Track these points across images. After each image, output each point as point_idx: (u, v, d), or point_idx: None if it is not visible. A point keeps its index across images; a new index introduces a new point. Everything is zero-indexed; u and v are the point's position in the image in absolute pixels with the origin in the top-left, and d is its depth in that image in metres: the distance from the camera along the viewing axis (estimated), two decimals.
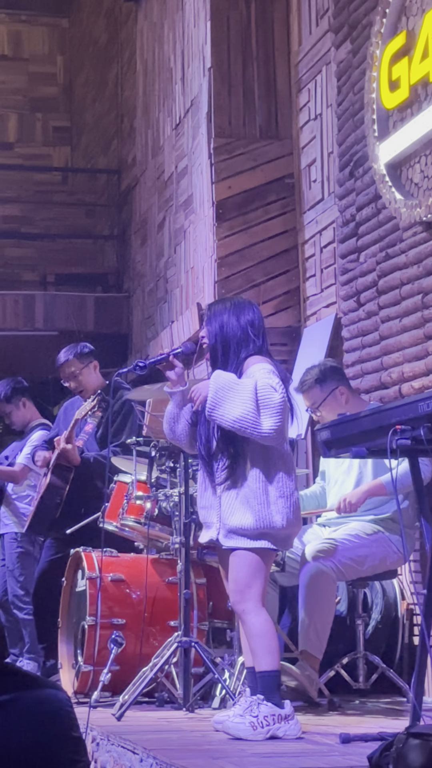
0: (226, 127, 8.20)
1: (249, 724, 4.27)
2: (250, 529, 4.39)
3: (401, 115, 6.20)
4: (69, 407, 6.84)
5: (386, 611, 5.93)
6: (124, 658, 5.42)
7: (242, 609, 4.42)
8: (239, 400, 4.35)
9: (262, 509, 4.39)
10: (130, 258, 11.39)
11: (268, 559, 4.48)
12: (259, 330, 4.58)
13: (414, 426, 3.90)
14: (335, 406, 5.51)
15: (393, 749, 2.78)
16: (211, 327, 4.59)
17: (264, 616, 4.40)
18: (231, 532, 4.43)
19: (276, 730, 4.29)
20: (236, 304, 4.62)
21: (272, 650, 4.38)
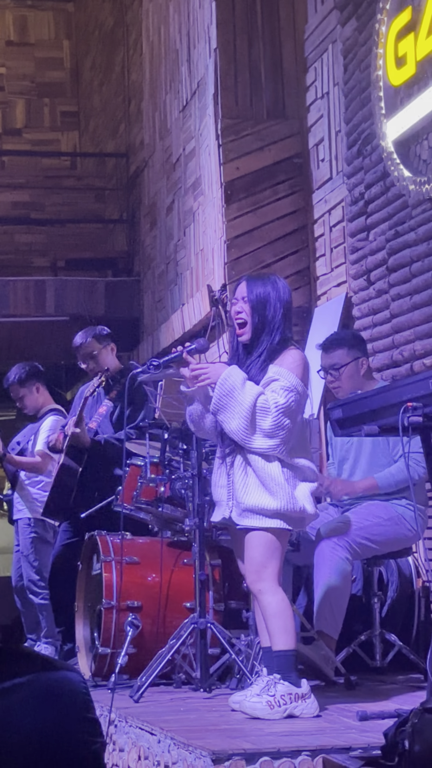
0: (233, 107, 8.18)
1: (266, 704, 4.28)
2: (267, 509, 4.39)
3: (408, 92, 6.18)
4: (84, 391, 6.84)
5: (402, 589, 5.93)
6: (140, 641, 5.43)
7: (258, 589, 4.42)
8: (236, 413, 4.38)
9: (280, 490, 4.39)
10: (139, 241, 11.38)
11: (283, 539, 4.49)
12: (289, 310, 4.59)
13: (426, 403, 3.90)
14: (354, 374, 5.50)
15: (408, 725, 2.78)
16: (253, 299, 4.53)
17: (280, 596, 4.41)
18: (247, 510, 4.43)
19: (293, 708, 4.30)
20: (277, 281, 4.59)
21: (288, 629, 4.39)
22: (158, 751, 3.91)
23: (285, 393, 4.39)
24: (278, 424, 4.37)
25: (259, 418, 4.37)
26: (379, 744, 3.02)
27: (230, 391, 4.39)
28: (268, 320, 4.52)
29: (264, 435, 4.38)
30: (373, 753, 3.18)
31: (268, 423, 4.36)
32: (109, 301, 11.34)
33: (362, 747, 3.48)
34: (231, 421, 4.39)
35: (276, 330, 4.51)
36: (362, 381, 5.52)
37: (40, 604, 7.33)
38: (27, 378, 7.64)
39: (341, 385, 5.50)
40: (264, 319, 4.52)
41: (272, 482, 4.40)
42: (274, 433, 4.37)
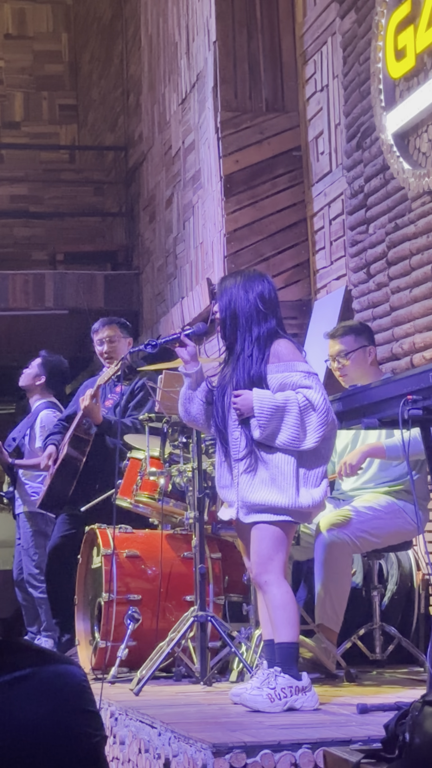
0: (233, 100, 8.17)
1: (266, 696, 4.29)
2: (275, 506, 4.39)
3: (408, 85, 6.17)
4: (90, 384, 6.84)
5: (402, 582, 5.94)
6: (140, 634, 5.44)
7: (264, 580, 4.43)
8: (286, 426, 4.38)
9: (289, 486, 4.39)
10: (139, 235, 11.38)
11: (289, 532, 4.49)
12: (270, 303, 4.55)
13: (425, 396, 3.90)
14: (361, 361, 5.49)
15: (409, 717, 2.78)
16: (221, 302, 4.58)
17: (285, 588, 4.42)
18: (254, 507, 4.43)
19: (293, 701, 4.30)
20: (246, 278, 4.59)
21: (292, 622, 4.39)
22: (159, 744, 3.92)
23: (311, 380, 4.41)
24: (325, 413, 4.39)
25: (310, 415, 4.38)
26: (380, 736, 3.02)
27: (271, 407, 4.38)
28: (239, 316, 4.52)
29: (313, 430, 4.39)
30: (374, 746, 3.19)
31: (319, 419, 4.38)
32: (109, 294, 11.34)
33: (362, 740, 3.48)
34: (282, 434, 4.39)
35: (251, 323, 4.50)
36: (369, 369, 5.51)
37: (39, 597, 7.34)
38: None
39: (348, 373, 5.49)
40: (234, 316, 4.53)
41: (282, 477, 4.39)
42: (323, 424, 4.38)
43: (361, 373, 5.49)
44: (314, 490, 4.43)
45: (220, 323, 4.58)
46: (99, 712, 2.47)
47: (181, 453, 5.51)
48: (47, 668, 2.40)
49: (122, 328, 6.64)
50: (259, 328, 4.49)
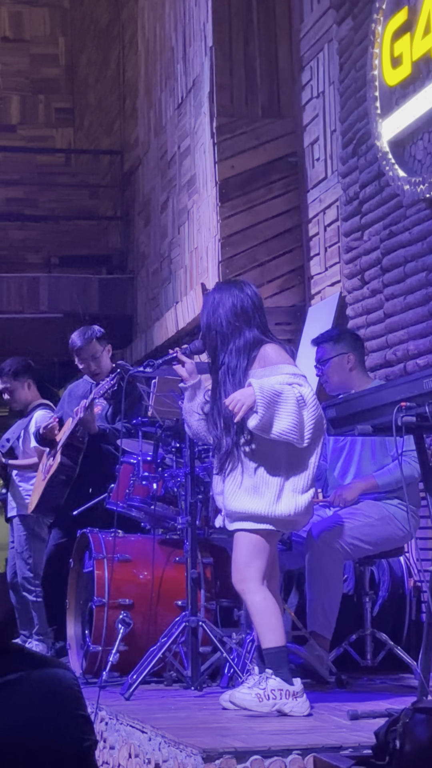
0: (229, 106, 8.17)
1: (255, 696, 4.30)
2: (254, 514, 4.40)
3: (404, 92, 6.18)
4: (74, 389, 6.85)
5: (393, 588, 5.94)
6: (132, 638, 5.43)
7: (241, 588, 4.46)
8: (284, 413, 4.35)
9: (270, 497, 4.39)
10: (134, 239, 11.38)
11: (270, 540, 4.48)
12: (243, 314, 4.53)
13: (419, 403, 3.91)
14: (339, 368, 5.52)
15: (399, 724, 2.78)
16: (201, 321, 4.64)
17: (262, 594, 4.41)
18: (235, 515, 4.45)
19: (282, 705, 4.30)
20: (220, 292, 4.60)
21: (273, 627, 4.40)
22: (149, 749, 3.92)
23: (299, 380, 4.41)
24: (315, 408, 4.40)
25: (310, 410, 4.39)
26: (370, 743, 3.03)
27: (272, 396, 4.38)
28: (214, 337, 4.55)
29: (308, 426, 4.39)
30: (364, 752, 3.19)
31: (316, 413, 4.38)
32: (103, 298, 11.34)
33: (353, 746, 3.48)
34: (280, 422, 4.36)
35: (228, 340, 4.51)
36: (349, 376, 5.51)
37: (33, 601, 7.33)
38: (21, 372, 7.66)
39: (327, 380, 5.55)
40: (208, 335, 4.57)
41: (264, 486, 4.41)
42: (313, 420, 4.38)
43: (342, 379, 5.52)
44: (299, 497, 4.43)
45: (201, 339, 4.65)
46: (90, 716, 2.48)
47: (174, 458, 5.51)
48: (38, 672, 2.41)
49: (100, 341, 6.62)
50: (235, 342, 4.51)
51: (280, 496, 4.41)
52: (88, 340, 6.61)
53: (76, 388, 6.84)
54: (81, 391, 6.75)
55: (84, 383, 6.79)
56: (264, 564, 4.44)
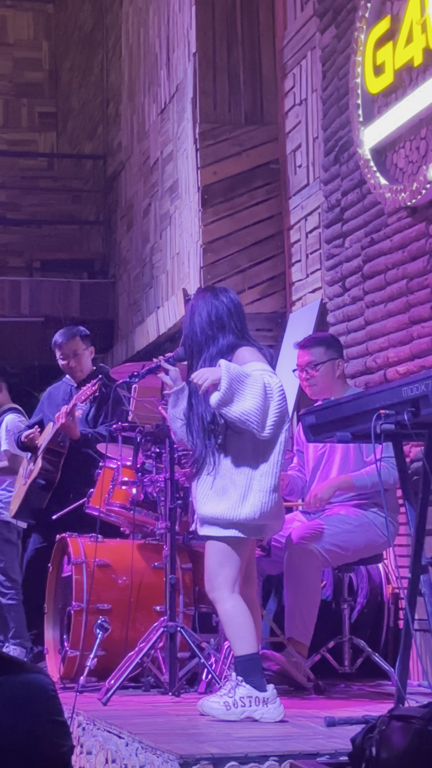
0: (212, 112, 8.19)
1: (223, 704, 4.31)
2: (220, 518, 4.41)
3: (386, 100, 6.20)
4: (53, 392, 6.86)
5: (371, 595, 5.96)
6: (110, 643, 5.43)
7: (213, 597, 4.48)
8: (249, 395, 4.35)
9: (237, 500, 4.40)
10: (115, 244, 11.38)
11: (239, 547, 4.47)
12: (217, 321, 4.54)
13: (398, 411, 3.92)
14: (329, 374, 5.54)
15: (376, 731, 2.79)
16: (183, 328, 4.65)
17: (232, 603, 4.42)
18: (203, 520, 4.48)
19: (252, 712, 4.30)
20: (195, 303, 4.63)
21: (243, 635, 4.40)
22: (126, 755, 3.91)
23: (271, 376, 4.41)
24: (280, 401, 4.38)
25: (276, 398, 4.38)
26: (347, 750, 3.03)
27: (238, 375, 4.38)
28: (192, 346, 4.57)
29: (274, 414, 4.37)
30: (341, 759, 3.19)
31: (282, 404, 4.37)
32: (84, 302, 11.33)
33: (330, 753, 3.49)
34: (244, 402, 4.34)
35: (203, 348, 4.53)
36: (336, 383, 5.56)
37: (7, 604, 7.32)
38: None
39: (316, 383, 5.54)
40: (189, 348, 4.59)
41: (232, 487, 4.41)
42: (277, 411, 4.37)
43: (328, 385, 5.54)
44: (265, 498, 4.41)
45: (182, 346, 4.67)
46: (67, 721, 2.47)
47: (153, 463, 5.52)
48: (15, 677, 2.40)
49: (84, 339, 6.67)
50: (209, 350, 4.53)
51: (246, 497, 4.40)
52: (72, 336, 6.65)
53: (56, 390, 6.84)
54: (61, 393, 6.75)
55: (64, 385, 6.79)
56: (233, 571, 4.44)
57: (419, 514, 4.11)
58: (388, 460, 5.11)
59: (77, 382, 6.65)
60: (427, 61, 5.74)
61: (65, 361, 6.65)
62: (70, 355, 6.63)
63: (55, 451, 6.40)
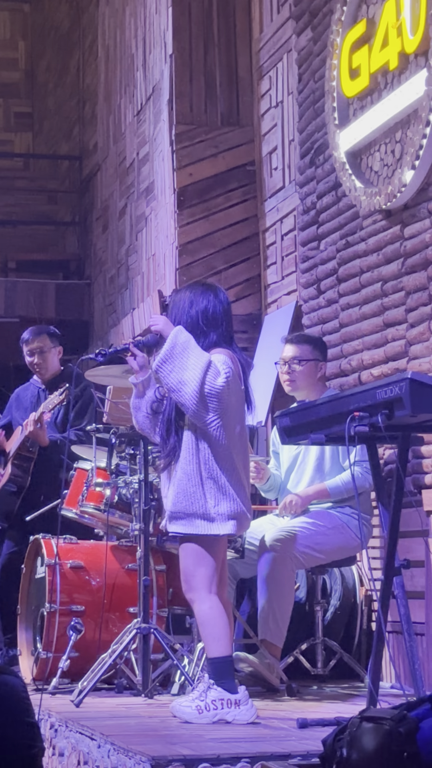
0: (188, 113, 8.19)
1: (195, 708, 4.31)
2: (188, 513, 4.40)
3: (361, 103, 6.22)
4: (22, 393, 6.84)
5: (345, 597, 5.97)
6: (83, 645, 5.42)
7: (189, 598, 4.48)
8: (191, 364, 4.35)
9: (201, 495, 4.40)
10: (91, 245, 11.36)
11: (212, 547, 4.46)
12: (213, 319, 4.55)
13: (372, 413, 3.93)
14: (312, 373, 5.60)
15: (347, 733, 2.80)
16: (170, 316, 4.60)
17: (209, 604, 4.42)
18: (172, 516, 4.48)
19: (224, 714, 4.30)
20: (193, 292, 4.60)
21: (218, 637, 4.40)
22: (98, 756, 3.91)
23: (222, 364, 4.40)
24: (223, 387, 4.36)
25: (213, 377, 4.37)
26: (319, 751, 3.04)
27: (186, 341, 4.38)
28: (186, 323, 4.53)
29: (211, 395, 4.37)
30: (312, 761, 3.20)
31: (221, 381, 4.36)
32: (60, 303, 11.31)
33: (301, 754, 3.49)
34: (184, 371, 4.35)
35: (195, 334, 4.50)
36: (317, 384, 5.61)
37: None
38: None
39: (295, 379, 5.56)
40: (180, 321, 4.55)
41: (194, 486, 4.40)
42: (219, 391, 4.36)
43: (309, 384, 5.57)
44: (230, 502, 4.42)
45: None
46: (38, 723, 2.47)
47: (127, 464, 5.51)
48: None
49: (52, 337, 6.67)
50: (202, 341, 4.51)
51: (215, 494, 4.40)
52: (38, 332, 6.66)
53: (24, 392, 6.83)
54: (29, 396, 6.75)
55: (32, 387, 6.78)
56: (210, 570, 4.44)
57: (392, 516, 4.12)
58: (363, 463, 5.13)
59: (45, 382, 6.65)
60: (403, 65, 5.76)
61: (31, 357, 6.65)
62: (35, 351, 6.62)
63: (25, 456, 6.39)
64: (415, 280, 5.64)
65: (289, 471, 5.65)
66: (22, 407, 6.68)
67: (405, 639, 4.10)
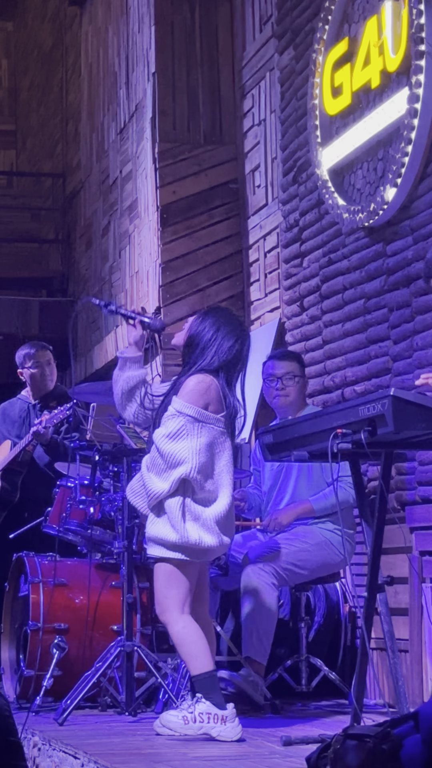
0: (171, 131, 8.21)
1: (181, 718, 4.31)
2: (166, 540, 4.42)
3: (344, 122, 6.25)
4: (8, 408, 6.83)
5: (329, 614, 5.96)
6: (66, 663, 5.40)
7: (163, 620, 4.49)
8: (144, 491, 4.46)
9: (177, 523, 4.40)
10: (74, 262, 11.37)
11: (186, 570, 4.46)
12: (224, 357, 4.54)
13: (355, 430, 3.94)
14: (301, 389, 5.67)
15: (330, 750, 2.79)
16: (195, 325, 4.61)
17: (182, 624, 4.42)
18: (149, 539, 4.50)
19: (210, 729, 4.29)
20: (228, 323, 4.60)
21: (196, 654, 4.40)
22: None
23: (168, 421, 4.43)
24: (168, 455, 4.38)
25: (153, 463, 4.42)
26: None
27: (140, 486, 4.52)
28: (194, 347, 4.58)
29: (159, 475, 4.41)
30: None
31: (160, 462, 4.40)
32: (43, 321, 11.31)
33: None
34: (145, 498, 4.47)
35: (198, 359, 4.55)
36: (303, 401, 5.65)
37: None
38: None
39: (288, 395, 5.58)
40: (190, 343, 4.60)
41: (170, 513, 4.41)
42: (168, 466, 4.38)
43: (297, 400, 5.60)
44: (203, 525, 4.42)
45: (184, 341, 4.61)
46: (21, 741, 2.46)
47: (111, 482, 5.51)
48: None
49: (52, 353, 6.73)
50: (197, 365, 4.53)
51: (182, 524, 4.40)
52: (42, 346, 6.71)
53: (11, 407, 6.82)
54: (17, 411, 6.74)
55: (20, 402, 6.78)
56: (182, 592, 4.44)
57: (375, 533, 4.13)
58: (346, 479, 5.13)
59: (39, 397, 6.65)
60: (385, 83, 5.79)
61: (37, 369, 6.64)
62: (44, 364, 6.64)
63: (14, 471, 6.38)
64: (397, 297, 5.66)
65: (272, 488, 5.65)
66: (9, 420, 6.68)
67: (389, 656, 4.11)
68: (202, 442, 4.43)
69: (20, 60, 14.05)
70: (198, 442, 4.42)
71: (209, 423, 4.45)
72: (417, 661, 5.23)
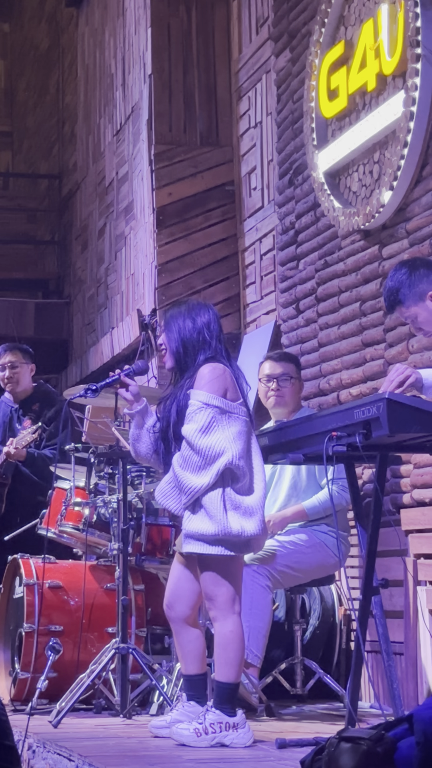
0: (167, 133, 8.22)
1: (193, 731, 4.26)
2: (206, 535, 4.32)
3: (339, 124, 6.25)
4: None
5: (324, 617, 5.97)
6: (61, 665, 5.40)
7: (212, 616, 4.41)
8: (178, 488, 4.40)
9: (218, 514, 4.31)
10: (70, 264, 11.37)
11: (231, 565, 4.40)
12: (214, 332, 4.55)
13: (350, 433, 3.94)
14: (297, 391, 5.65)
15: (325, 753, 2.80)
16: (169, 333, 4.56)
17: (229, 627, 4.35)
18: (189, 537, 4.39)
19: (223, 738, 4.26)
20: (191, 307, 4.59)
21: (231, 662, 4.34)
22: None
23: (196, 415, 4.37)
24: (205, 449, 4.34)
25: (187, 461, 4.35)
26: None
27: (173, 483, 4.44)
28: (187, 345, 4.51)
29: (195, 471, 4.34)
30: None
31: (196, 458, 4.34)
32: (39, 322, 11.30)
33: None
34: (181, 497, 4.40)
35: (198, 351, 4.50)
36: (298, 403, 5.65)
37: None
38: None
39: (284, 395, 5.57)
40: (183, 346, 4.52)
41: (210, 506, 4.33)
42: (206, 461, 4.34)
43: (292, 401, 5.60)
44: (243, 515, 4.37)
45: (173, 355, 4.56)
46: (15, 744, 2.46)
47: (106, 484, 5.51)
48: None
49: (24, 354, 6.72)
50: (204, 355, 4.50)
51: (224, 515, 4.33)
52: (11, 348, 6.70)
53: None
54: (0, 415, 6.75)
55: (3, 405, 6.79)
56: (229, 591, 4.35)
57: (370, 535, 4.13)
58: (340, 481, 5.14)
59: (18, 400, 6.66)
60: (380, 86, 5.80)
61: (2, 372, 6.67)
62: (7, 366, 6.66)
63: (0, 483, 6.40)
64: None
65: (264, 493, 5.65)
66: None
67: (383, 658, 4.11)
68: (234, 430, 4.39)
69: (16, 61, 14.05)
70: (230, 431, 4.37)
71: (234, 412, 4.42)
72: (412, 663, 5.24)
